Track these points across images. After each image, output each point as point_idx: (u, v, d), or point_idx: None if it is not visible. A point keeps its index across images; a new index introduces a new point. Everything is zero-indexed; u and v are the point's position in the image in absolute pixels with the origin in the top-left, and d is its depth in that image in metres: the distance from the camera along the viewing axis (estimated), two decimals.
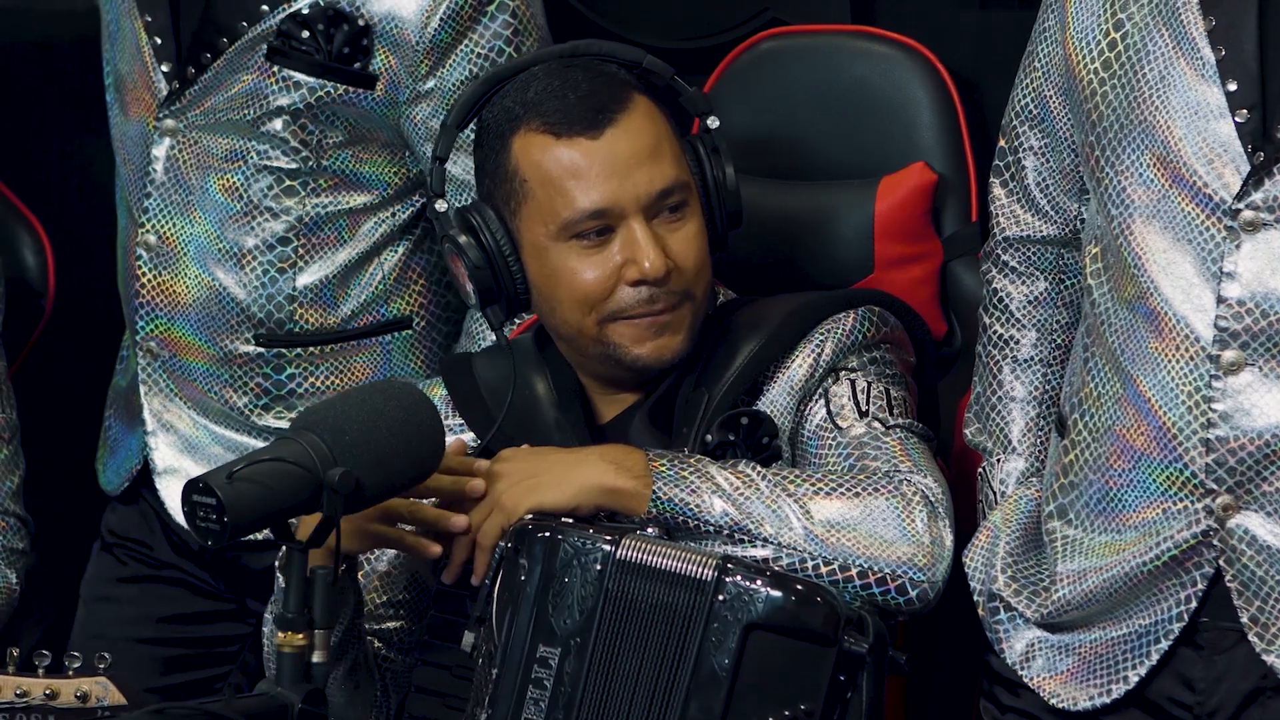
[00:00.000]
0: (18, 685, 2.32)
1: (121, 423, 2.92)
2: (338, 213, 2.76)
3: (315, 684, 2.06)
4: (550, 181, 2.41)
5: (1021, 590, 2.34)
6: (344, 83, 2.70)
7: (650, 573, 2.18)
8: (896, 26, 2.96)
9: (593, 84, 2.42)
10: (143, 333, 2.82)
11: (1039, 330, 2.47)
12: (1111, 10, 2.25)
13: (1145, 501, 2.23)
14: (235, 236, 2.76)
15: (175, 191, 2.77)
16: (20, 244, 3.07)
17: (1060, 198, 2.42)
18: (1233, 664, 2.22)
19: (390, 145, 2.77)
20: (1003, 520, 2.40)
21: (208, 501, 2.01)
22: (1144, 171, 2.21)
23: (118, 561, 2.94)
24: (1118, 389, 2.25)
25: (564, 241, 2.42)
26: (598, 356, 2.46)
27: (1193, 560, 2.20)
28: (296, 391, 2.80)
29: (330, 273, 2.77)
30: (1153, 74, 2.21)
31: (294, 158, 2.73)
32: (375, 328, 2.81)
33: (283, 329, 2.78)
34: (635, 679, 2.18)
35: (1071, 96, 2.31)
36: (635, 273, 2.40)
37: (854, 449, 2.40)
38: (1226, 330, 2.16)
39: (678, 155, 2.45)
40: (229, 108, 2.73)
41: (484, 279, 2.45)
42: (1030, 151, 2.42)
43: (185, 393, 2.82)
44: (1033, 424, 2.46)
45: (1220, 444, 2.17)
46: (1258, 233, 2.15)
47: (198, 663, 2.91)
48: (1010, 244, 2.48)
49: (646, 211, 2.41)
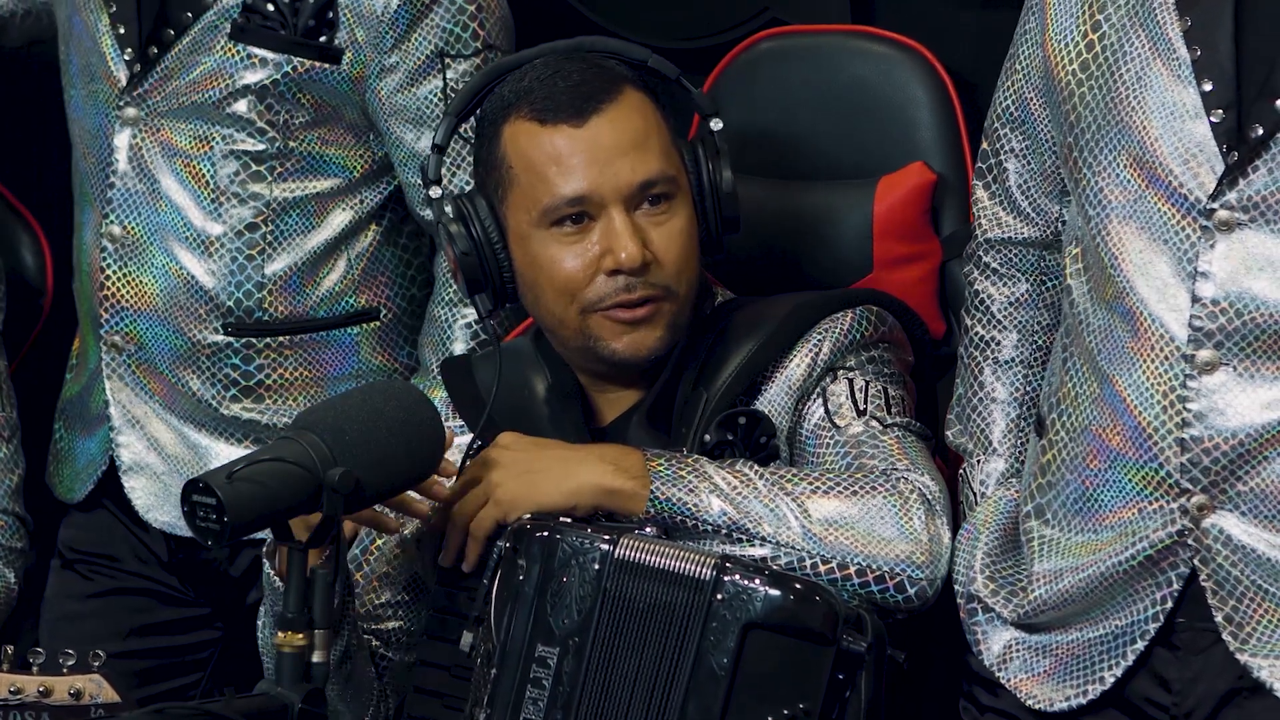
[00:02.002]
0: (11, 683, 2.32)
1: (75, 430, 2.89)
2: (305, 198, 2.75)
3: (315, 684, 2.06)
4: (533, 168, 2.41)
5: (999, 590, 2.34)
6: (310, 58, 2.68)
7: (648, 572, 2.18)
8: (896, 26, 2.96)
9: (584, 75, 2.43)
10: (107, 327, 2.79)
11: (1020, 332, 2.47)
12: (1089, 12, 2.26)
13: (1121, 501, 2.23)
14: (202, 224, 2.74)
15: (139, 181, 2.75)
16: (18, 244, 3.07)
17: (1041, 200, 2.42)
18: (1209, 664, 2.22)
19: (355, 127, 2.75)
20: (982, 521, 2.40)
21: (207, 501, 2.01)
22: (1120, 172, 2.22)
23: (82, 578, 2.91)
24: (1095, 389, 2.26)
25: (545, 229, 2.42)
26: (579, 349, 2.46)
27: (1168, 560, 2.20)
28: (265, 383, 2.78)
29: (299, 260, 2.76)
30: (1129, 75, 2.21)
31: (261, 138, 2.71)
32: (343, 318, 2.80)
33: (251, 317, 2.76)
34: (634, 678, 2.18)
35: (1051, 98, 2.32)
36: (611, 262, 2.40)
37: (851, 447, 2.40)
38: (1201, 330, 2.17)
39: (667, 150, 2.44)
40: (192, 90, 2.71)
41: (471, 267, 2.45)
42: (1012, 154, 2.43)
43: (152, 386, 2.80)
44: (1014, 425, 2.47)
45: (1195, 444, 2.17)
46: (1232, 232, 2.15)
47: (169, 673, 2.88)
48: (992, 245, 2.48)
49: (628, 202, 2.41)
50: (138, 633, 2.88)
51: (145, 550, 2.88)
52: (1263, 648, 2.18)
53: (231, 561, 2.84)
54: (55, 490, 2.93)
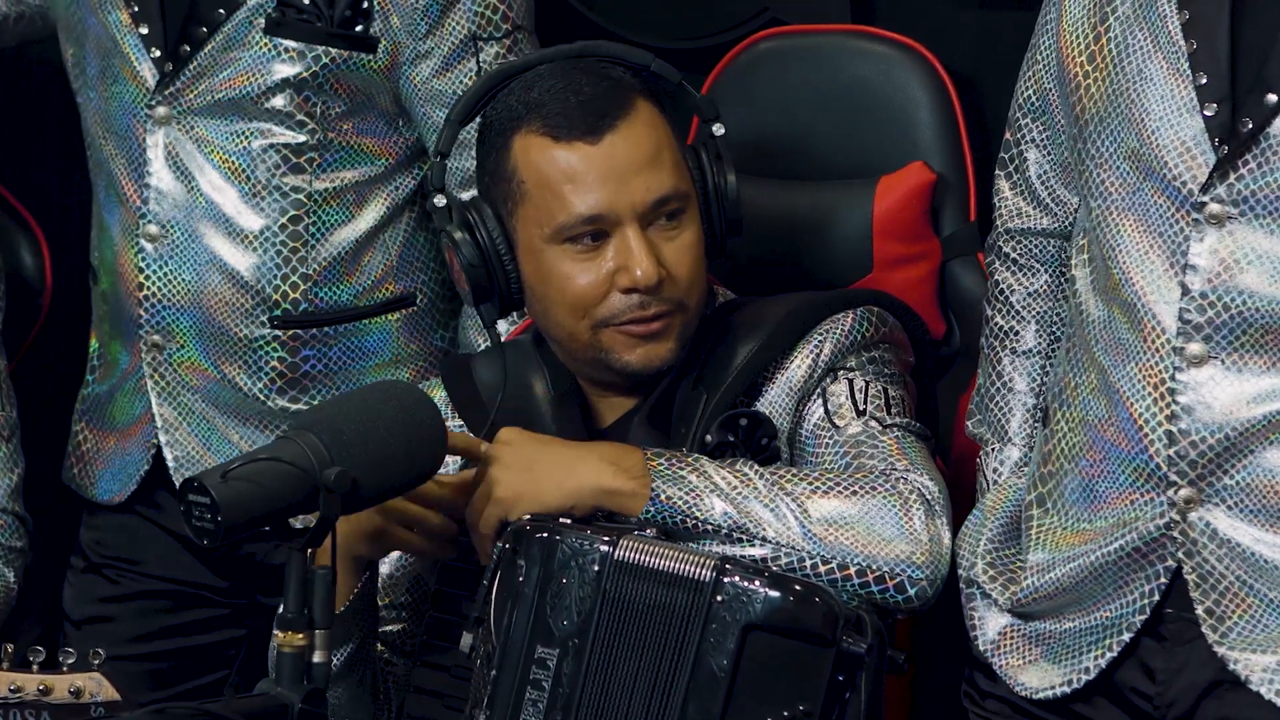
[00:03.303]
0: (11, 681, 2.31)
1: (106, 432, 2.90)
2: (344, 188, 2.76)
3: (315, 684, 2.06)
4: (547, 184, 2.41)
5: (998, 577, 2.34)
6: (346, 48, 2.70)
7: (648, 574, 2.18)
8: (896, 26, 2.96)
9: (595, 88, 2.42)
10: (147, 327, 2.80)
11: (1039, 323, 2.48)
12: (1099, 4, 2.27)
13: (1115, 493, 2.23)
14: (243, 220, 2.75)
15: (175, 180, 2.76)
16: (18, 244, 3.07)
17: (1060, 190, 2.43)
18: (1193, 655, 2.22)
19: (387, 114, 2.77)
20: (990, 507, 2.41)
21: (202, 501, 2.01)
22: (1120, 164, 2.22)
23: (108, 581, 2.92)
24: (1093, 380, 2.26)
25: (558, 245, 2.42)
26: (589, 361, 2.46)
27: (1156, 553, 2.21)
28: (311, 373, 2.79)
29: (341, 250, 2.77)
30: (1132, 68, 2.22)
31: (300, 131, 2.72)
32: (383, 305, 2.81)
33: (298, 309, 2.77)
34: (633, 680, 2.18)
35: (1062, 88, 2.32)
36: (627, 280, 2.40)
37: (851, 448, 2.40)
38: (1191, 323, 2.17)
39: (678, 163, 2.44)
40: (227, 86, 2.72)
41: (478, 277, 2.45)
42: (1032, 144, 2.43)
43: (195, 383, 2.80)
44: (1030, 415, 2.47)
45: (1182, 436, 2.18)
46: (1222, 226, 2.16)
47: (192, 673, 2.90)
48: (1012, 236, 2.49)
49: (642, 219, 2.41)
50: (163, 633, 2.90)
51: (175, 551, 2.88)
52: (1240, 641, 2.19)
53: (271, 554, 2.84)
54: (84, 492, 2.93)
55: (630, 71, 2.47)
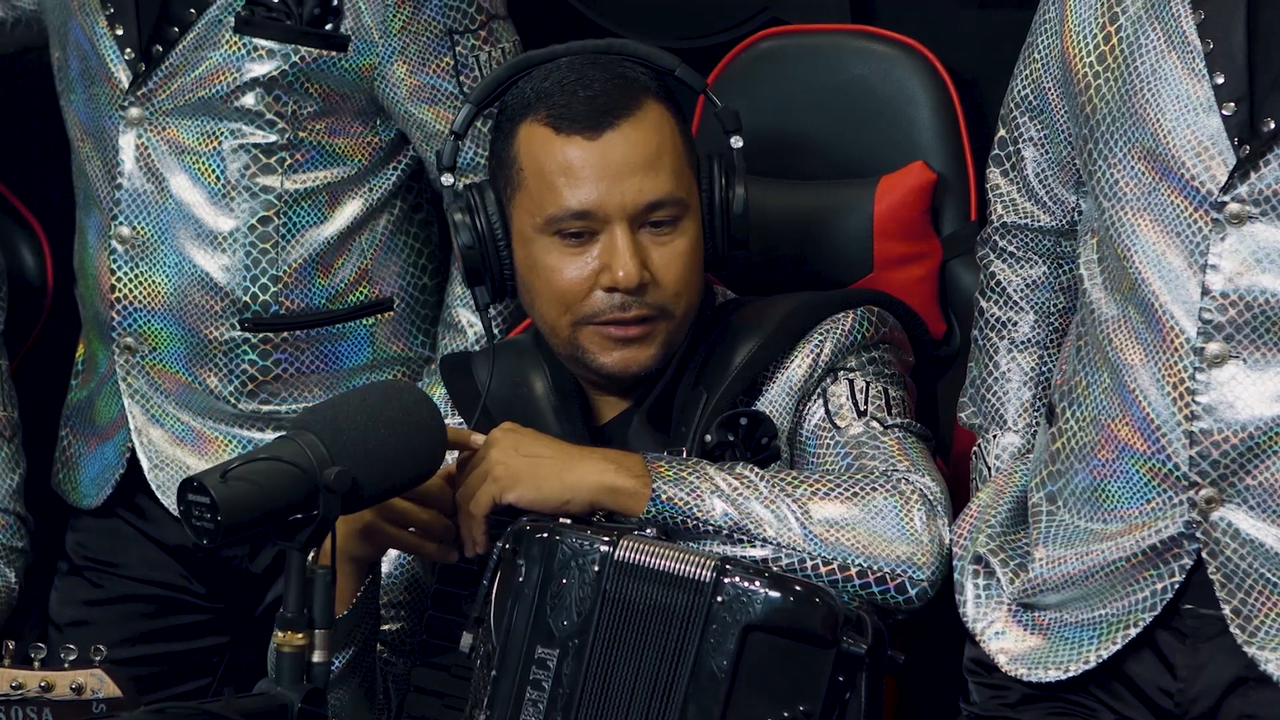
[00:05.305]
0: (13, 678, 2.32)
1: (85, 437, 2.89)
2: (316, 189, 2.74)
3: (315, 684, 2.06)
4: (543, 175, 2.41)
5: (1009, 561, 2.34)
6: (316, 47, 2.68)
7: (648, 574, 2.18)
8: (896, 26, 2.96)
9: (606, 84, 2.42)
10: (119, 329, 2.78)
11: (1037, 312, 2.48)
12: (1108, 4, 2.26)
13: (1129, 493, 2.23)
14: (213, 220, 2.73)
15: (147, 180, 2.74)
16: (18, 244, 3.07)
17: (1058, 189, 2.43)
18: (1216, 652, 2.22)
19: (363, 113, 2.75)
20: (994, 494, 2.41)
21: (202, 500, 2.01)
22: (1134, 164, 2.22)
23: (90, 584, 2.91)
24: (1106, 380, 2.26)
25: (548, 236, 2.42)
26: (568, 357, 2.46)
27: (1172, 551, 2.21)
28: (282, 377, 2.77)
29: (312, 252, 2.75)
30: (1145, 68, 2.22)
31: (270, 130, 2.70)
32: (357, 309, 2.79)
33: (268, 311, 2.75)
34: (634, 680, 2.18)
35: (1068, 89, 2.32)
36: (609, 279, 2.40)
37: (852, 448, 2.40)
38: (1211, 323, 2.17)
39: (680, 170, 2.44)
40: (198, 86, 2.70)
41: (472, 259, 2.46)
42: (1030, 142, 2.43)
43: (167, 386, 2.79)
44: (1028, 404, 2.47)
45: (1204, 437, 2.17)
46: (1243, 225, 2.16)
47: (176, 678, 2.87)
48: (1008, 230, 2.48)
49: (632, 220, 2.41)
50: (145, 638, 2.88)
51: (156, 555, 2.87)
52: (1270, 640, 2.18)
53: (252, 559, 2.83)
54: (67, 497, 2.92)
55: (650, 73, 2.47)
